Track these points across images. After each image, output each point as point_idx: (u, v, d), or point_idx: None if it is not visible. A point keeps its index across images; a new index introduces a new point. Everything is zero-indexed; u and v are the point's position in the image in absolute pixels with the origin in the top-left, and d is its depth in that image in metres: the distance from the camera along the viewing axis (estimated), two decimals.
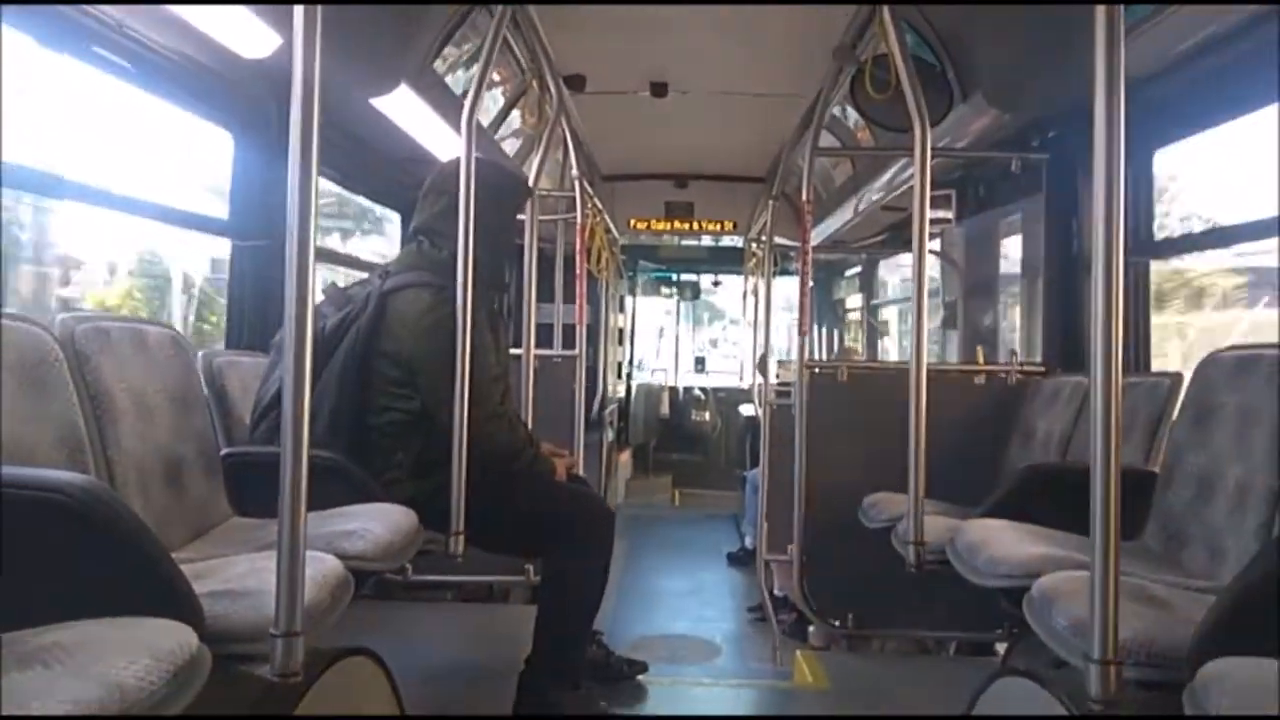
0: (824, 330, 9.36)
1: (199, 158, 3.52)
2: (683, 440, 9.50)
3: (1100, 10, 1.67)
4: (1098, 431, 1.63)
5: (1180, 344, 4.00)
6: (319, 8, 1.69)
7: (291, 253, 1.67)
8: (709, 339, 13.20)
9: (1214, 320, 4.16)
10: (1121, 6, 1.67)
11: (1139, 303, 3.35)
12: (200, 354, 2.85)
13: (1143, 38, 2.64)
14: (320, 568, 1.96)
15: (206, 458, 2.58)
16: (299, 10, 1.68)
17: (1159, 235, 3.44)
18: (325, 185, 4.09)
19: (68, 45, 2.63)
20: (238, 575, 1.89)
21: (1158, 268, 3.51)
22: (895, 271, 7.53)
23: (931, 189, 2.84)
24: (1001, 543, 2.38)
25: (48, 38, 2.56)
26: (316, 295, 1.85)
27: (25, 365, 1.95)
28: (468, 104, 2.81)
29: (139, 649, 1.38)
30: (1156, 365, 3.42)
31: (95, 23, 2.62)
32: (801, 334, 3.95)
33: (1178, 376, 2.76)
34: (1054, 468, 2.96)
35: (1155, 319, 3.48)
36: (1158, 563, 2.39)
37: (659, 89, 4.81)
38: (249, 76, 3.06)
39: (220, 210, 3.38)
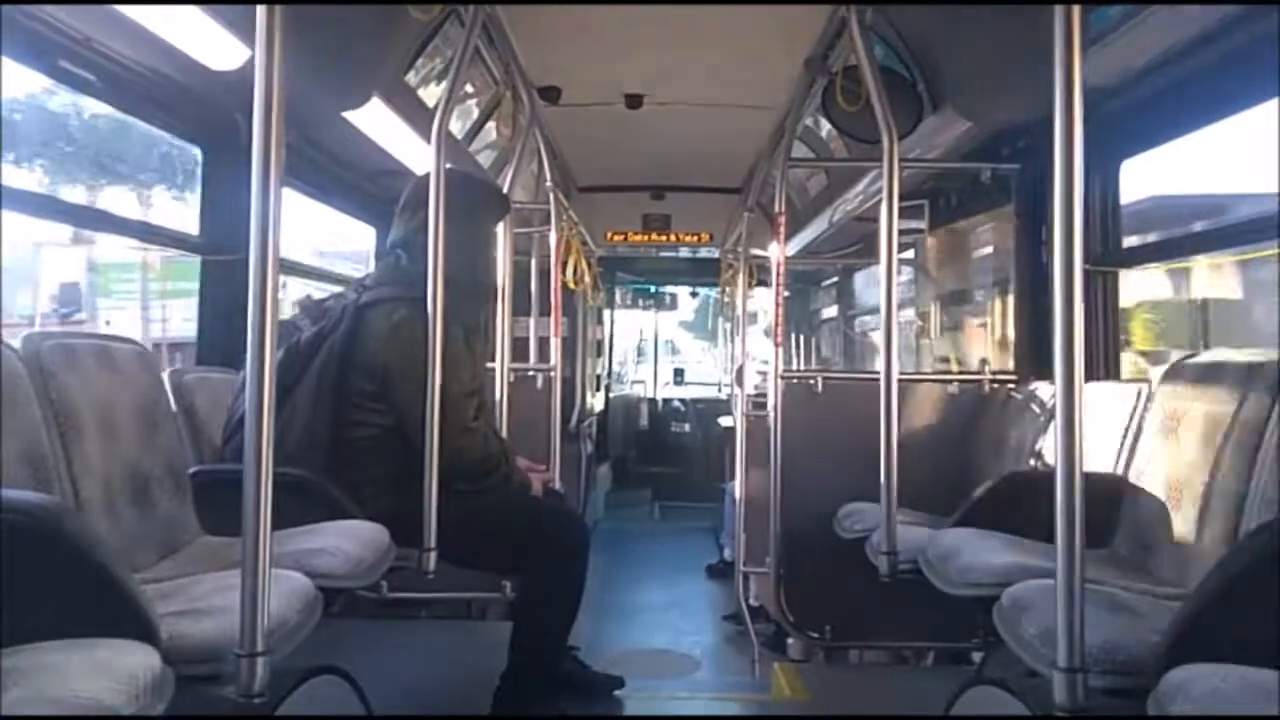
0: (800, 340, 9.38)
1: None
2: (662, 452, 9.48)
3: (1059, 18, 1.69)
4: (1061, 439, 1.64)
5: None
6: (278, 13, 1.69)
7: (255, 267, 1.66)
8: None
9: None
10: (1079, 9, 1.69)
11: (1108, 311, 3.37)
12: (169, 371, 2.83)
13: (1109, 48, 2.67)
14: (288, 586, 1.95)
15: (175, 476, 2.55)
16: (261, 18, 1.67)
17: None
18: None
19: (35, 60, 2.61)
20: (203, 594, 1.87)
21: None
22: (875, 282, 7.55)
23: (903, 199, 2.87)
24: (973, 552, 2.39)
25: (15, 52, 2.54)
26: (282, 309, 1.84)
27: None
28: (438, 115, 2.81)
29: (100, 670, 1.36)
30: None
31: (63, 37, 2.60)
32: (776, 344, 3.96)
33: (1147, 384, 2.78)
34: (1025, 476, 2.97)
35: None
36: (1127, 570, 2.40)
37: (634, 101, 4.80)
38: (217, 90, 3.04)
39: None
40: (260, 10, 1.69)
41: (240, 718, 1.64)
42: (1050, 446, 3.10)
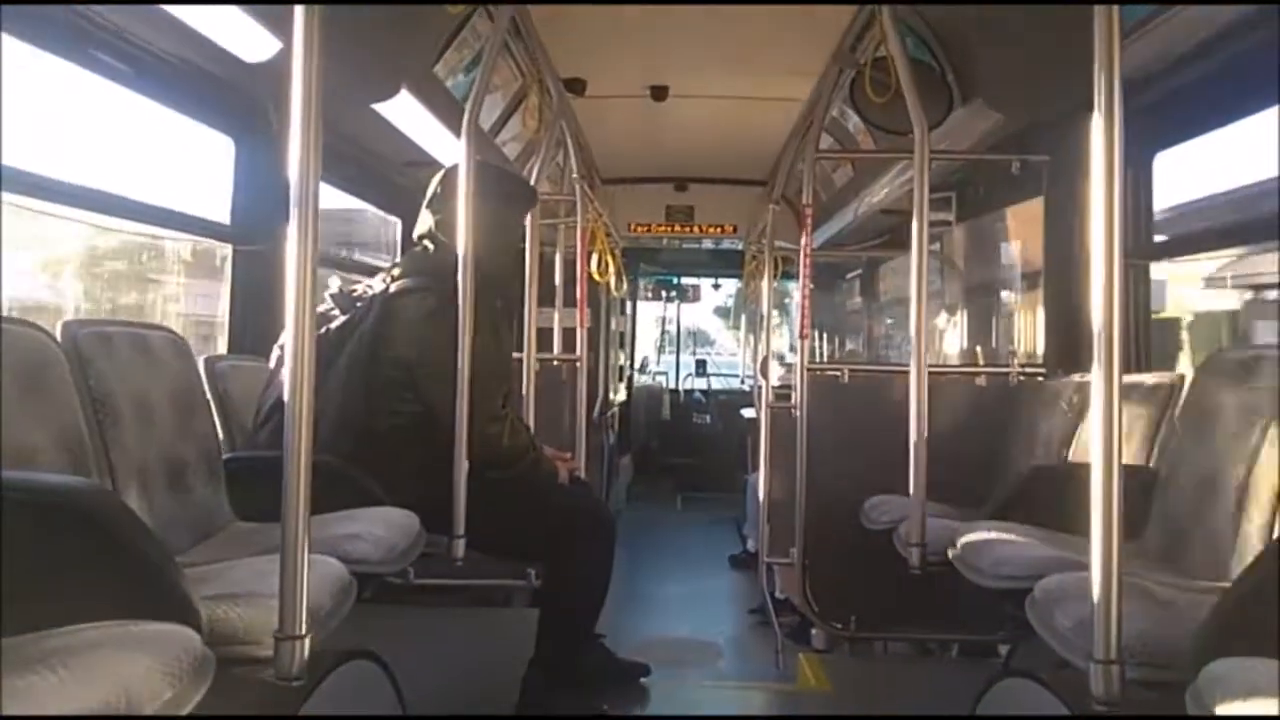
0: (824, 333, 9.36)
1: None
2: (684, 443, 9.49)
3: (1098, 11, 1.68)
4: (1098, 432, 1.63)
5: None
6: (318, 8, 1.70)
7: (295, 256, 1.67)
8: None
9: None
10: (1117, 7, 1.68)
11: (1139, 303, 3.35)
12: (203, 358, 2.86)
13: (1143, 39, 2.64)
14: (323, 571, 1.96)
15: (209, 462, 2.58)
16: (299, 11, 1.68)
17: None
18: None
19: (69, 50, 2.63)
20: (241, 579, 1.89)
21: None
22: (902, 274, 7.52)
23: (931, 191, 2.85)
24: (1004, 544, 2.38)
25: (49, 43, 2.57)
26: (318, 299, 1.86)
27: (27, 369, 1.96)
28: (469, 108, 2.82)
29: (143, 652, 1.38)
30: None
31: (96, 28, 2.63)
32: (802, 337, 3.96)
33: (1180, 377, 2.76)
34: (1056, 468, 2.96)
35: None
36: (1160, 562, 2.39)
37: (659, 93, 4.81)
38: (249, 80, 3.07)
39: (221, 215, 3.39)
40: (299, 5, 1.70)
41: (278, 700, 1.66)
42: (1081, 439, 3.08)
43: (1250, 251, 3.58)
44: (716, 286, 10.73)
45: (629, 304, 9.33)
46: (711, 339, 13.84)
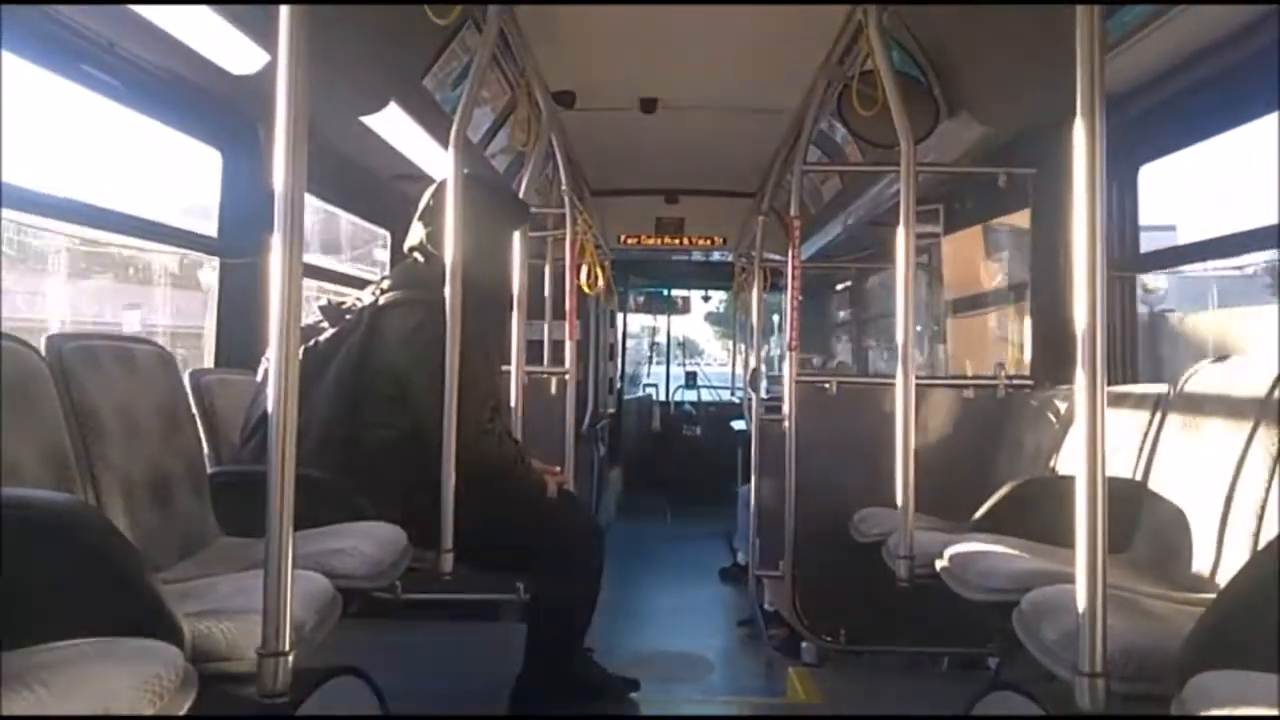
0: (815, 344, 9.37)
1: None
2: (674, 456, 9.47)
3: (1081, 19, 1.69)
4: (1083, 443, 1.63)
5: None
6: (302, 19, 1.69)
7: (278, 270, 1.67)
8: None
9: None
10: (1099, 9, 1.68)
11: (1126, 315, 3.36)
12: (188, 372, 2.85)
13: (1128, 53, 2.66)
14: (308, 587, 1.95)
15: (194, 476, 2.57)
16: (285, 24, 1.68)
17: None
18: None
19: (58, 64, 2.63)
20: (224, 595, 1.88)
21: None
22: (887, 286, 7.55)
23: (918, 204, 2.86)
24: (991, 557, 2.39)
25: (38, 56, 2.56)
26: (303, 312, 1.85)
27: (11, 383, 1.94)
28: (457, 120, 2.82)
29: (125, 669, 1.37)
30: None
31: (86, 41, 2.62)
32: (791, 349, 3.96)
33: (1166, 389, 2.77)
34: (1043, 480, 2.96)
35: None
36: (1147, 574, 2.39)
37: (648, 105, 4.81)
38: (237, 93, 3.06)
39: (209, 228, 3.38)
40: (283, 13, 1.70)
41: (262, 717, 1.65)
42: (1068, 451, 3.09)
43: None
44: (706, 298, 10.76)
45: (619, 316, 9.32)
46: (701, 349, 13.87)
